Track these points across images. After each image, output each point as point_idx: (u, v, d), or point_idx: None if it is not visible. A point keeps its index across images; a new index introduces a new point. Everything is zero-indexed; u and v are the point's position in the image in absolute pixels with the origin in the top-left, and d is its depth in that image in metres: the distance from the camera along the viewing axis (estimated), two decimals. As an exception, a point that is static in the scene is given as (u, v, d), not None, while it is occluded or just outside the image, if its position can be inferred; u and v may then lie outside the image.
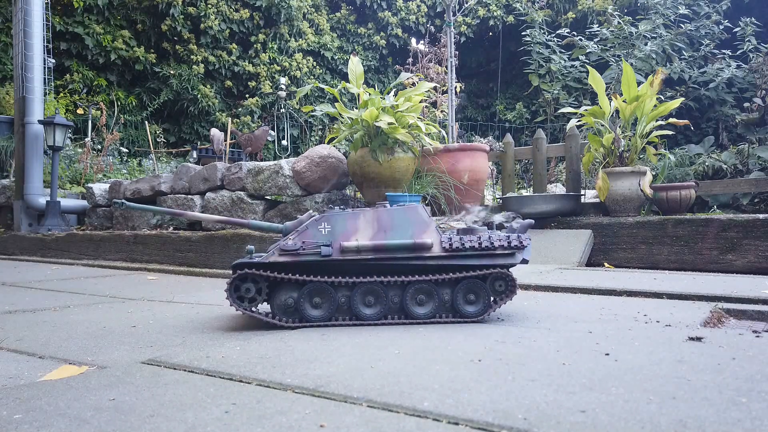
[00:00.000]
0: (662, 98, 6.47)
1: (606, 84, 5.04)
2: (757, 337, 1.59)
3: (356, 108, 4.67)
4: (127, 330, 1.94)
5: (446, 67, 6.60)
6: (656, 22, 9.11)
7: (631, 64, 8.15)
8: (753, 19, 8.83)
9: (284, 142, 12.23)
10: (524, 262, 1.93)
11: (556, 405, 1.02)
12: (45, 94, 7.29)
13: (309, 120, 12.51)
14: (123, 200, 1.66)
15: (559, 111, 5.40)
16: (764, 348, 1.45)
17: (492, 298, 1.91)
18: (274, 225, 1.99)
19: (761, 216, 3.45)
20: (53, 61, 7.82)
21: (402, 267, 1.88)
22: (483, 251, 1.87)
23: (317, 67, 13.23)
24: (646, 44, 8.94)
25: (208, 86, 11.96)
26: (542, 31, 10.33)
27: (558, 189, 6.11)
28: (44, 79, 7.12)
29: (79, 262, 4.87)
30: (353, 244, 1.84)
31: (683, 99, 4.75)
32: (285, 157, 10.50)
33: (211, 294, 2.85)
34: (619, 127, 4.22)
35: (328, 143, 4.83)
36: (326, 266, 1.87)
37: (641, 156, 4.65)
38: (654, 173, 5.06)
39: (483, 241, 1.87)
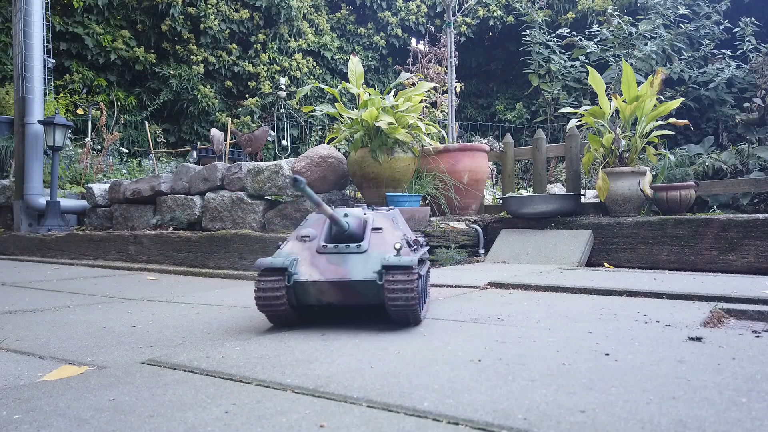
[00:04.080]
0: (662, 98, 6.47)
1: (606, 84, 5.04)
2: (757, 337, 1.59)
3: (356, 108, 4.67)
4: (127, 330, 1.94)
5: (446, 67, 6.60)
6: (656, 22, 9.11)
7: (631, 64, 8.15)
8: (753, 19, 8.84)
9: (284, 142, 12.23)
10: None
11: (556, 405, 1.02)
12: (45, 94, 7.29)
13: (309, 120, 12.52)
14: (303, 178, 1.49)
15: (559, 111, 5.39)
16: (764, 348, 1.44)
17: None
18: (344, 221, 1.87)
19: (761, 216, 3.45)
20: (53, 61, 7.82)
21: None
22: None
23: (317, 67, 13.23)
24: (646, 44, 8.94)
25: (208, 86, 11.96)
26: (542, 31, 10.33)
27: (558, 189, 6.11)
28: (44, 79, 7.12)
29: (79, 262, 4.87)
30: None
31: (683, 99, 4.75)
32: (285, 157, 10.50)
33: (210, 294, 2.85)
34: (619, 127, 4.22)
35: (328, 143, 4.83)
36: None
37: (641, 156, 4.65)
38: (654, 173, 5.06)
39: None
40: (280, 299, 1.72)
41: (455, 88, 6.26)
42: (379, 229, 1.86)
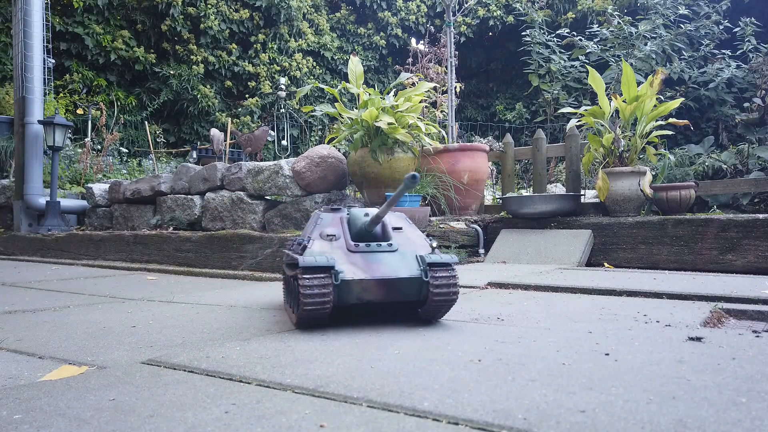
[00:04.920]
0: (662, 98, 6.47)
1: (606, 84, 5.04)
2: (757, 337, 1.59)
3: (356, 108, 4.67)
4: (127, 330, 1.94)
5: (446, 67, 6.60)
6: (656, 22, 9.12)
7: (631, 64, 8.15)
8: (753, 19, 8.84)
9: (284, 142, 12.24)
10: None
11: (556, 405, 1.02)
12: (45, 94, 7.29)
13: (309, 120, 12.52)
14: (419, 175, 1.56)
15: (559, 111, 5.39)
16: (764, 348, 1.44)
17: None
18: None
19: (761, 216, 3.45)
20: (53, 61, 7.82)
21: None
22: None
23: (317, 67, 13.23)
24: (646, 44, 8.95)
25: (208, 86, 11.96)
26: (542, 31, 10.33)
27: (558, 189, 6.11)
28: (44, 79, 7.12)
29: (79, 262, 4.87)
30: None
31: (683, 99, 4.75)
32: (285, 157, 10.50)
33: (210, 294, 2.85)
34: (619, 127, 4.22)
35: (328, 143, 4.83)
36: None
37: (641, 156, 4.65)
38: (654, 173, 5.06)
39: None
40: (327, 298, 1.67)
41: (455, 88, 6.26)
42: (399, 228, 1.90)
